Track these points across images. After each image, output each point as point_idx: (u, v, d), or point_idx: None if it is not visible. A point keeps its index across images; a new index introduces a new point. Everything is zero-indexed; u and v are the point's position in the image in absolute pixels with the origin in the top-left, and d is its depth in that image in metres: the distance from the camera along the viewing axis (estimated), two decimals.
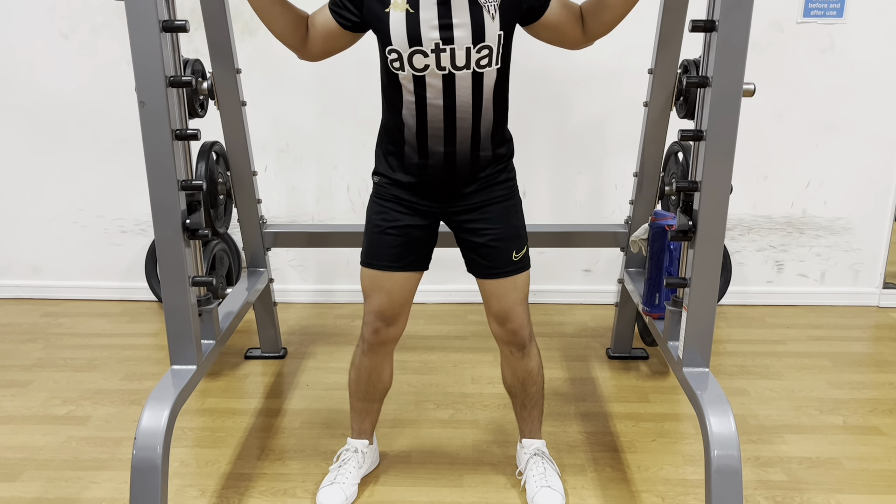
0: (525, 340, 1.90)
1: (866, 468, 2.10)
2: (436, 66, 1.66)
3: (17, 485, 2.03)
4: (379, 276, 1.85)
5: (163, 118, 1.68)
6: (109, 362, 2.76)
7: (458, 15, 1.63)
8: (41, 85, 3.08)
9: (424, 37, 1.64)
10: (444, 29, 1.63)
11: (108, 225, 3.30)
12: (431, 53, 1.65)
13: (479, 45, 1.65)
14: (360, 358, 1.95)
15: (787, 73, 3.01)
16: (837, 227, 3.21)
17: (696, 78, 1.71)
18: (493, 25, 1.65)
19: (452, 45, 1.65)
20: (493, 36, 1.66)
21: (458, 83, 1.69)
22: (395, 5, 1.65)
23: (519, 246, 1.85)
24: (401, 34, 1.65)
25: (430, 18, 1.63)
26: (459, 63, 1.66)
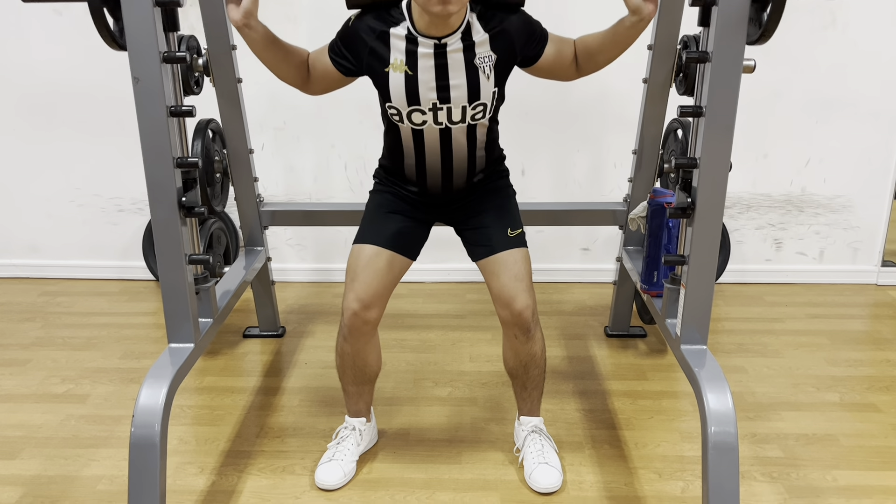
0: (530, 323, 1.87)
1: (863, 445, 2.11)
2: (433, 122, 1.78)
3: (16, 462, 2.04)
4: (369, 252, 1.87)
5: (157, 94, 1.66)
6: (108, 341, 2.76)
7: (454, 76, 1.73)
8: (36, 63, 3.05)
9: (423, 97, 1.74)
10: (441, 90, 1.73)
11: (105, 204, 3.28)
12: (429, 111, 1.76)
13: (475, 104, 1.76)
14: (342, 344, 1.93)
15: (789, 50, 2.98)
16: (837, 205, 3.20)
17: (695, 53, 1.69)
18: (488, 84, 1.75)
19: (449, 104, 1.75)
20: (487, 94, 1.76)
21: (454, 134, 1.82)
22: (395, 67, 1.73)
23: (514, 225, 1.92)
24: (400, 94, 1.75)
25: (427, 80, 1.72)
26: (455, 119, 1.78)
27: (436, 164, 1.87)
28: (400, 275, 1.92)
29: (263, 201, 2.62)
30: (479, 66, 1.73)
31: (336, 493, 1.92)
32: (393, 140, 1.89)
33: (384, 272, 1.87)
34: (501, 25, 1.74)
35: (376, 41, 1.74)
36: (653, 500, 1.89)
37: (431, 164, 1.87)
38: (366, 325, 1.88)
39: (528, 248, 1.93)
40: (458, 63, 1.72)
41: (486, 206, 1.94)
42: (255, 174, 2.52)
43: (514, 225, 1.92)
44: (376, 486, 1.94)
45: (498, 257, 1.87)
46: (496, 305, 1.89)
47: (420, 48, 1.71)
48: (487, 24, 1.73)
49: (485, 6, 1.74)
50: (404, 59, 1.72)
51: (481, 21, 1.73)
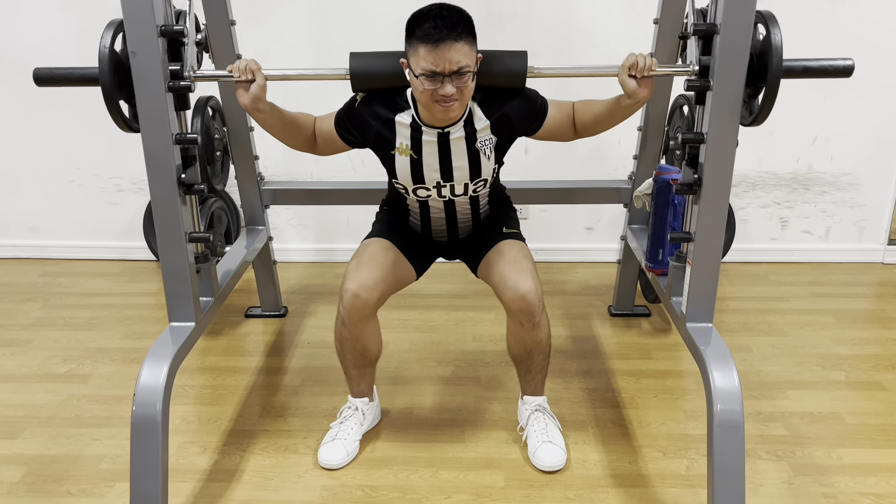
0: (535, 309, 1.84)
1: (868, 423, 2.10)
2: (437, 195, 1.89)
3: (18, 442, 2.03)
4: (379, 245, 1.92)
5: (156, 68, 1.64)
6: (109, 321, 2.75)
7: (457, 159, 1.82)
8: (33, 41, 3.01)
9: (427, 177, 1.84)
10: (444, 171, 1.83)
11: (104, 184, 3.26)
12: (433, 188, 1.87)
13: (476, 180, 1.86)
14: (341, 329, 1.91)
15: (796, 25, 2.92)
16: (843, 183, 3.17)
17: (703, 26, 1.66)
18: (488, 164, 1.84)
19: (452, 182, 1.85)
20: (488, 171, 1.86)
21: (457, 203, 1.93)
22: (400, 150, 1.82)
23: (508, 224, 2.01)
24: (405, 175, 1.85)
25: (431, 163, 1.82)
26: (458, 192, 1.89)
27: (440, 222, 1.97)
28: (402, 279, 1.96)
29: (264, 180, 2.59)
30: (481, 148, 1.81)
31: (339, 472, 1.91)
32: (398, 198, 1.97)
33: (389, 266, 1.88)
34: (502, 110, 1.80)
35: (382, 126, 1.81)
36: (657, 478, 1.88)
37: (436, 222, 1.98)
38: (364, 309, 1.84)
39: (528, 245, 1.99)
40: (461, 148, 1.80)
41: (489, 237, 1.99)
42: (256, 152, 2.49)
43: (508, 226, 2.00)
44: (379, 465, 1.93)
45: (495, 249, 1.92)
46: (501, 294, 1.86)
47: (424, 136, 1.79)
48: (488, 111, 1.80)
49: (485, 94, 1.80)
50: (409, 145, 1.80)
51: (482, 108, 1.80)
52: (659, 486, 1.86)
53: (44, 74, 1.76)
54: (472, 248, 2.03)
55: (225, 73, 1.73)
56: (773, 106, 1.65)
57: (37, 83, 1.77)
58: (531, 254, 1.93)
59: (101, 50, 1.65)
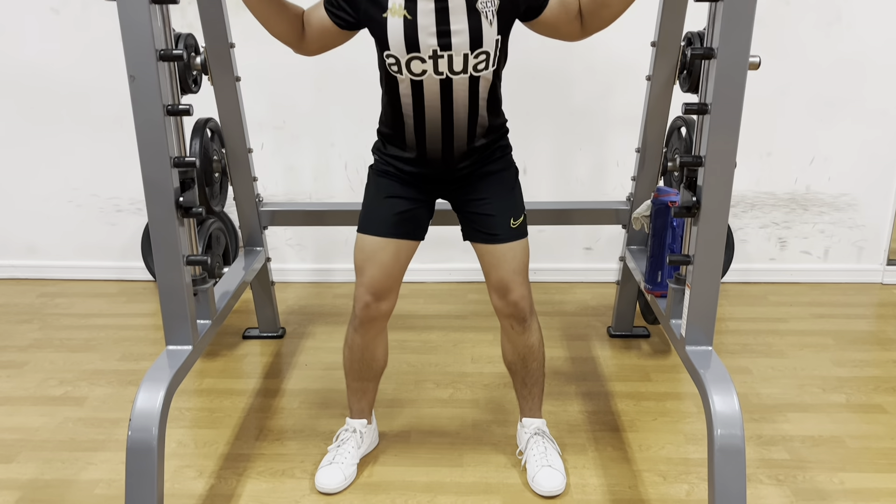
0: (526, 313, 1.87)
1: (869, 446, 2.09)
2: (433, 72, 1.68)
3: (13, 466, 2.01)
4: (374, 244, 1.84)
5: (154, 93, 1.64)
6: (106, 342, 2.74)
7: (455, 21, 1.64)
8: (33, 61, 3.03)
9: (422, 43, 1.65)
10: (441, 35, 1.64)
11: (103, 204, 3.26)
12: (429, 59, 1.66)
13: (477, 51, 1.67)
14: (353, 336, 1.92)
15: (793, 47, 2.95)
16: (842, 203, 3.17)
17: (700, 50, 1.66)
18: (490, 31, 1.66)
19: (450, 52, 1.66)
20: (490, 41, 1.67)
21: (455, 87, 1.71)
22: (393, 11, 1.64)
23: (516, 214, 1.86)
24: (398, 41, 1.65)
25: (427, 25, 1.64)
26: (457, 68, 1.68)
27: (435, 121, 1.76)
28: (408, 259, 1.89)
29: (263, 201, 2.59)
30: (482, 10, 1.64)
31: (336, 497, 1.89)
32: (391, 97, 1.77)
33: (392, 263, 1.85)
34: None
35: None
36: (657, 503, 1.87)
37: (431, 121, 1.76)
38: (379, 316, 1.88)
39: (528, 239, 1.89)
40: (460, 7, 1.63)
41: (490, 191, 1.85)
42: (255, 174, 2.49)
43: (516, 213, 1.86)
44: (377, 490, 1.92)
45: (499, 249, 1.84)
46: (492, 295, 1.88)
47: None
48: None
49: None
50: (403, 3, 1.64)
51: None
52: None
53: None
54: (471, 204, 1.86)
55: None
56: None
57: None
58: (528, 251, 1.88)
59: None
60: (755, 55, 1.65)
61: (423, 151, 1.81)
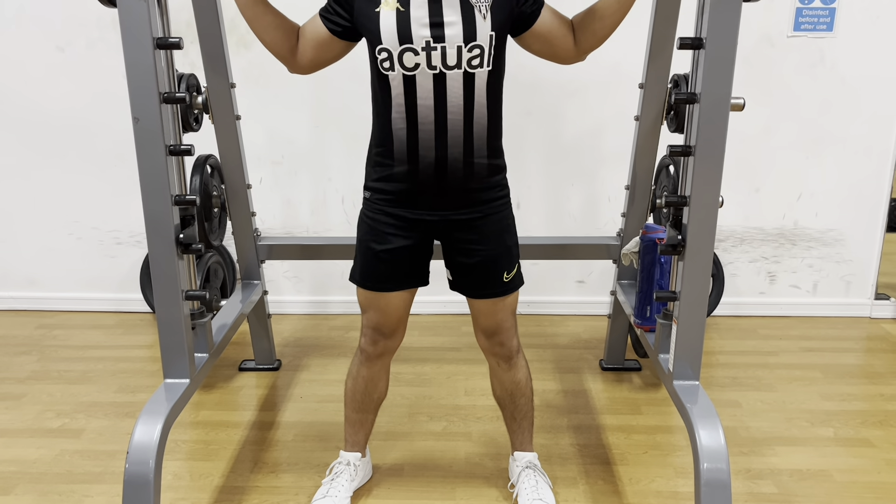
0: (512, 352, 1.91)
1: (857, 480, 2.11)
2: (426, 65, 1.65)
3: (10, 498, 2.03)
4: (374, 296, 1.86)
5: (157, 134, 1.70)
6: (103, 375, 2.77)
7: (449, 13, 1.63)
8: (37, 97, 3.10)
9: (415, 34, 1.63)
10: (434, 27, 1.63)
11: (103, 237, 3.31)
12: (422, 52, 1.64)
13: (471, 45, 1.64)
14: (358, 368, 1.96)
15: (779, 87, 3.04)
16: (829, 238, 3.23)
17: (684, 94, 1.73)
18: (484, 25, 1.64)
19: (443, 44, 1.63)
20: (484, 36, 1.65)
21: (448, 84, 1.66)
22: (386, 3, 1.64)
23: (510, 266, 1.84)
24: (391, 32, 1.64)
25: (420, 16, 1.63)
26: (450, 62, 1.65)
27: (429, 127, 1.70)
28: (411, 301, 1.90)
29: (261, 235, 2.64)
30: (475, 3, 1.64)
31: None
32: (383, 105, 1.72)
33: (396, 308, 1.88)
34: None
35: None
36: None
37: (424, 125, 1.70)
38: (386, 353, 1.93)
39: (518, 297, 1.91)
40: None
41: (484, 230, 1.80)
42: (253, 208, 2.54)
43: (510, 265, 1.83)
44: None
45: (490, 302, 1.86)
46: (477, 335, 1.93)
47: None
48: None
49: None
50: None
51: None
52: None
53: None
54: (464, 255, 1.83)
55: None
56: None
57: None
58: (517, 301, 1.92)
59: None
60: (739, 97, 1.72)
61: (416, 165, 1.73)
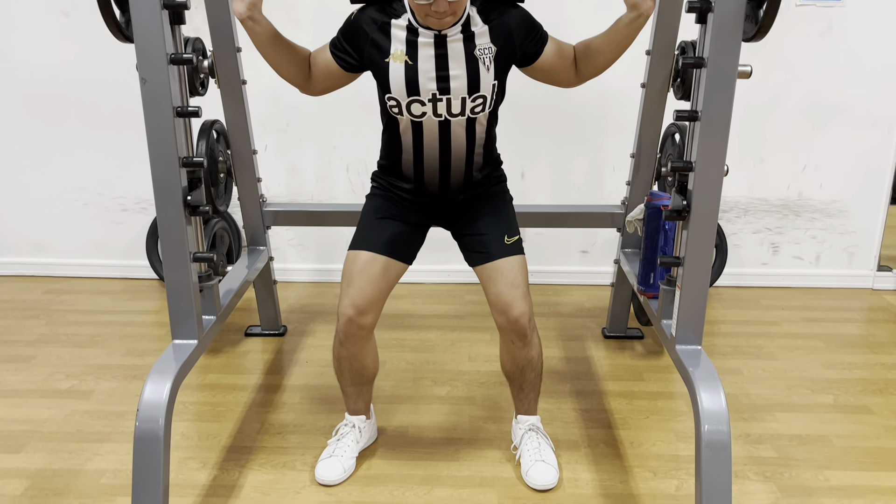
0: (527, 330, 1.89)
1: (855, 446, 2.14)
2: (432, 114, 1.78)
3: (21, 456, 2.07)
4: (365, 258, 1.88)
5: (164, 95, 1.70)
6: (111, 338, 2.80)
7: (454, 67, 1.73)
8: (42, 63, 3.09)
9: (422, 87, 1.74)
10: (441, 80, 1.74)
11: (108, 203, 3.32)
12: (429, 102, 1.76)
13: (475, 95, 1.76)
14: (339, 349, 1.95)
15: (786, 57, 3.02)
16: (833, 209, 3.23)
17: (692, 59, 1.73)
18: (488, 76, 1.76)
19: (449, 95, 1.75)
20: (487, 86, 1.77)
21: (453, 127, 1.81)
22: (395, 57, 1.74)
23: (510, 232, 1.93)
24: (399, 84, 1.75)
25: (427, 70, 1.73)
26: (455, 111, 1.78)
27: (434, 159, 1.86)
28: (395, 279, 1.94)
29: (266, 201, 2.65)
30: (479, 56, 1.74)
31: (336, 489, 1.95)
32: (391, 136, 1.88)
33: (379, 278, 1.88)
34: (501, 18, 1.75)
35: (377, 32, 1.75)
36: (647, 498, 1.92)
37: (429, 159, 1.86)
38: (361, 331, 1.89)
39: (525, 254, 1.94)
40: (458, 53, 1.73)
41: (482, 212, 1.94)
42: (259, 175, 2.55)
43: (510, 231, 1.93)
44: (375, 482, 1.97)
45: (494, 265, 1.89)
46: (493, 312, 1.91)
47: (420, 38, 1.73)
48: (487, 17, 1.75)
49: (484, 1, 1.76)
50: (405, 49, 1.73)
51: (481, 14, 1.75)
52: None
53: None
54: (466, 227, 1.95)
55: None
56: (777, 11, 1.59)
57: None
58: (527, 266, 1.94)
59: None
60: (746, 64, 1.71)
61: (421, 184, 1.91)
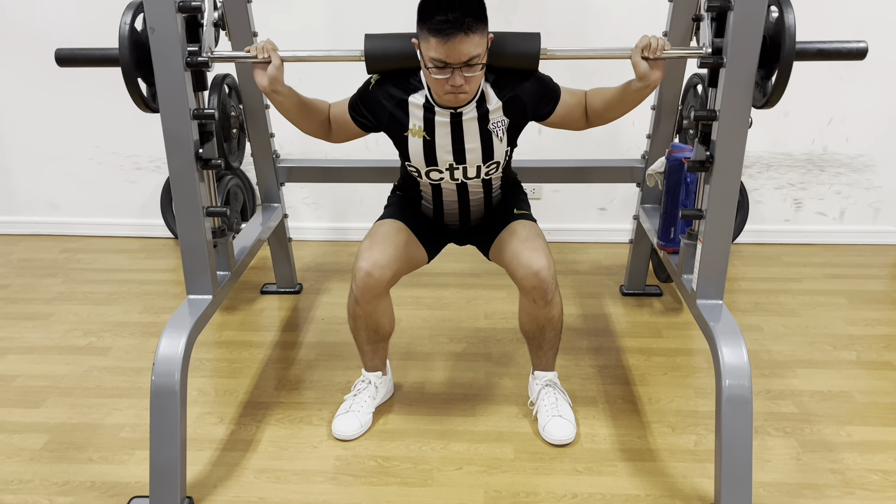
0: (549, 287, 1.85)
1: (878, 401, 2.11)
2: (449, 178, 1.90)
3: (41, 411, 2.09)
4: (390, 226, 1.93)
5: (174, 44, 1.66)
6: (128, 296, 2.80)
7: (469, 141, 1.82)
8: (52, 18, 3.05)
9: (440, 159, 1.85)
10: (457, 153, 1.84)
11: (123, 162, 3.30)
12: (446, 171, 1.87)
13: (489, 163, 1.87)
14: (354, 307, 1.93)
15: (814, 3, 2.91)
16: (859, 164, 3.15)
17: (717, 3, 1.66)
18: (501, 146, 1.85)
19: (465, 164, 1.86)
20: (501, 153, 1.87)
21: (470, 186, 1.93)
22: (413, 132, 1.83)
23: (519, 206, 2.02)
24: (418, 156, 1.86)
25: (444, 144, 1.83)
26: (471, 175, 1.89)
27: (453, 206, 1.98)
28: (414, 260, 1.97)
29: (280, 158, 2.62)
30: (493, 130, 1.82)
31: (353, 443, 1.95)
32: (411, 183, 1.99)
33: (402, 246, 1.90)
34: (514, 91, 1.81)
35: (395, 108, 1.82)
36: (665, 452, 1.91)
37: (449, 206, 1.98)
38: (377, 287, 1.86)
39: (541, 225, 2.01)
40: (473, 129, 1.81)
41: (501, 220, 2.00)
42: (272, 130, 2.52)
43: (519, 206, 2.01)
44: (392, 437, 1.97)
45: (507, 229, 1.94)
46: (513, 273, 1.87)
47: (437, 116, 1.80)
48: (501, 92, 1.81)
49: (499, 75, 1.81)
50: (422, 126, 1.82)
51: (495, 89, 1.81)
52: (667, 461, 1.88)
53: (65, 55, 1.80)
54: (484, 232, 2.04)
55: (243, 54, 1.76)
56: (785, 88, 1.66)
57: (59, 63, 1.81)
58: (542, 233, 1.95)
59: (121, 29, 1.68)
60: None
61: (441, 220, 2.04)
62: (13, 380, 2.25)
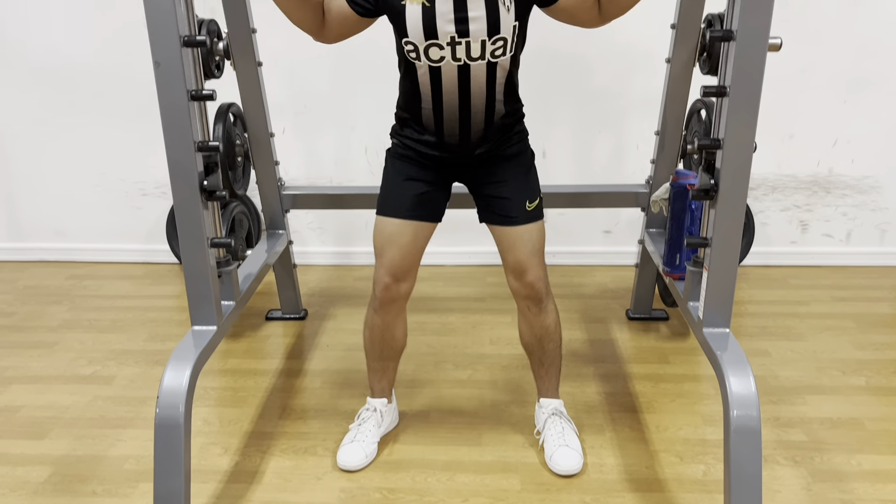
0: (542, 294, 1.90)
1: (888, 429, 2.09)
2: (451, 58, 1.70)
3: (45, 442, 2.08)
4: (393, 226, 1.87)
5: (178, 78, 1.67)
6: (133, 324, 2.80)
7: (473, 8, 1.65)
8: (60, 48, 3.08)
9: (440, 30, 1.66)
10: (459, 22, 1.66)
11: (129, 188, 3.32)
12: (447, 46, 1.68)
13: (495, 38, 1.68)
14: (372, 317, 1.96)
15: (817, 27, 2.92)
16: (865, 185, 3.14)
17: (719, 31, 1.66)
18: (508, 17, 1.67)
19: (468, 38, 1.67)
20: (507, 27, 1.68)
21: (472, 72, 1.73)
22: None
23: (531, 197, 1.89)
24: (417, 27, 1.67)
25: (445, 12, 1.65)
26: (474, 55, 1.70)
27: (453, 106, 1.78)
28: (426, 241, 1.93)
29: (285, 185, 2.63)
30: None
31: (357, 475, 1.93)
32: (409, 83, 1.80)
33: (410, 245, 1.88)
34: None
35: None
36: (674, 483, 1.89)
37: (449, 106, 1.79)
38: (398, 298, 1.91)
39: (545, 220, 1.92)
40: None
41: (506, 174, 1.88)
42: (276, 158, 2.53)
43: (532, 196, 1.88)
44: (397, 468, 1.96)
45: (515, 231, 1.87)
46: (508, 277, 1.91)
47: None
48: None
49: None
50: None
51: None
52: (676, 492, 1.86)
53: None
54: (488, 187, 1.89)
55: None
56: None
57: None
58: (545, 232, 1.91)
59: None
60: (777, 37, 1.65)
61: (441, 135, 1.83)
62: (18, 410, 2.24)
